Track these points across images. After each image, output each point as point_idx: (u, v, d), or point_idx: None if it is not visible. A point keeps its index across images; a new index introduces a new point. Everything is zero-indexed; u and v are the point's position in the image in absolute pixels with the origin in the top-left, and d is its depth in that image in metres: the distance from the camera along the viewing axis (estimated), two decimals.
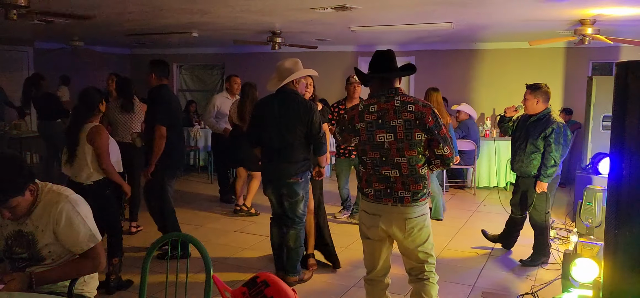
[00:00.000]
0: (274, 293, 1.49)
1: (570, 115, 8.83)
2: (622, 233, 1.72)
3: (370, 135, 3.06)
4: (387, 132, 3.01)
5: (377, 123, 3.03)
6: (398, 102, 3.01)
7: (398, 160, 3.01)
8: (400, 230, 3.08)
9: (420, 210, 3.09)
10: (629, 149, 1.69)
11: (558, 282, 4.25)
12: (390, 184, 3.05)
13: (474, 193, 8.17)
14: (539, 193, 4.79)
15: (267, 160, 4.32)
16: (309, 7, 5.71)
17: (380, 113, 3.03)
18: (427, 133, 2.97)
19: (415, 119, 2.96)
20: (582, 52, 8.99)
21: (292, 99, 4.20)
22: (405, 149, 2.99)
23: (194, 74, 12.73)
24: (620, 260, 1.75)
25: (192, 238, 2.59)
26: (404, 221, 3.05)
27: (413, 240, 3.10)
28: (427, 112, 2.98)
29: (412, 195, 3.04)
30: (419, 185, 3.04)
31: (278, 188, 4.29)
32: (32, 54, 10.38)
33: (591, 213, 4.19)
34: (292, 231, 4.36)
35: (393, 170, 3.04)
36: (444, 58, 10.06)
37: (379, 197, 3.10)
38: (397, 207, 3.05)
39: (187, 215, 6.73)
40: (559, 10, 5.75)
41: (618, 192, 1.73)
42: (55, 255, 2.56)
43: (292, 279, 4.43)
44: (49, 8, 5.59)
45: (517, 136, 4.93)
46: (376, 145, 3.04)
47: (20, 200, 2.40)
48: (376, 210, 3.12)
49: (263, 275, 1.52)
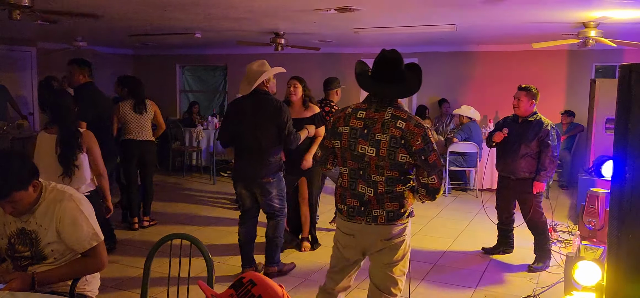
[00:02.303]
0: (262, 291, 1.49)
1: (572, 117, 8.81)
2: (625, 236, 1.72)
3: (352, 143, 2.77)
4: (371, 145, 2.71)
5: (362, 132, 2.75)
6: (389, 115, 2.71)
7: (376, 177, 2.73)
8: (374, 249, 2.84)
9: (399, 231, 2.81)
10: (632, 151, 1.68)
11: (560, 285, 4.24)
12: (364, 201, 2.78)
13: (476, 196, 8.16)
14: (534, 194, 4.80)
15: (240, 159, 4.43)
16: (312, 8, 5.72)
17: (367, 122, 2.75)
18: (412, 157, 2.69)
19: (402, 138, 2.66)
20: (585, 54, 8.97)
21: (263, 100, 4.31)
22: (385, 168, 2.71)
23: (197, 74, 12.75)
24: (623, 263, 1.74)
25: (194, 238, 2.59)
26: (379, 241, 2.80)
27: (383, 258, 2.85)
28: (417, 133, 2.66)
29: (387, 214, 2.76)
30: (395, 205, 2.76)
31: (250, 186, 4.40)
32: (35, 54, 10.41)
33: (594, 216, 4.17)
34: (272, 221, 4.50)
35: (368, 188, 2.75)
36: (447, 60, 10.06)
37: (352, 215, 2.83)
38: (371, 226, 2.79)
39: (188, 216, 6.74)
40: (562, 13, 5.74)
41: (621, 194, 1.73)
42: (58, 254, 2.56)
43: (271, 269, 4.57)
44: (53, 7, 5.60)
45: (506, 140, 4.91)
46: (356, 155, 2.77)
47: (23, 195, 2.41)
48: (350, 229, 2.87)
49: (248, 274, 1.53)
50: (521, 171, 4.81)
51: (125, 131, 5.80)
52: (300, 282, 4.58)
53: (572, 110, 8.88)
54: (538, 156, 4.76)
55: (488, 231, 5.99)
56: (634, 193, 1.69)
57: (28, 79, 9.86)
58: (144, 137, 5.86)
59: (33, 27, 7.73)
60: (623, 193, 1.72)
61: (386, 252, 2.83)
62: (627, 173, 1.70)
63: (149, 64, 12.47)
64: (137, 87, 5.87)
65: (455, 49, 9.94)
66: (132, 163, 5.89)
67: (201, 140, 9.60)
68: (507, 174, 4.95)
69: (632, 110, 1.68)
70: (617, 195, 1.75)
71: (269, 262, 4.60)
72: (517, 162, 4.80)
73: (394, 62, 2.82)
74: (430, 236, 5.98)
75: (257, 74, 4.31)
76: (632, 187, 1.69)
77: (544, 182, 4.77)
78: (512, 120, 4.96)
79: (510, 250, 5.34)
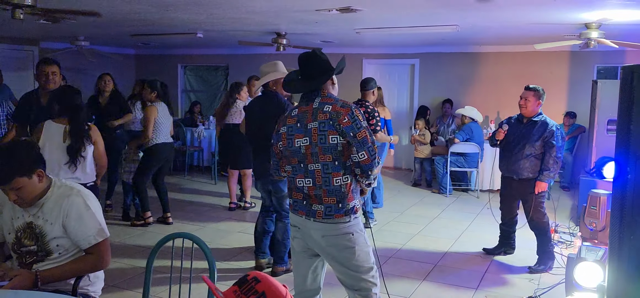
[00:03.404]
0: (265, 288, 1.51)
1: (574, 118, 8.81)
2: (627, 237, 1.72)
3: (289, 140, 2.84)
4: (304, 135, 2.77)
5: (296, 127, 2.82)
6: (316, 104, 2.80)
7: (312, 166, 2.76)
8: (317, 246, 2.84)
9: (340, 228, 2.77)
10: (634, 152, 1.69)
11: (561, 286, 4.24)
12: (305, 195, 2.82)
13: (477, 196, 8.16)
14: (536, 194, 4.80)
15: (256, 158, 4.60)
16: (314, 8, 5.72)
17: (299, 116, 2.83)
18: (342, 135, 2.70)
19: (330, 119, 2.72)
20: (587, 55, 8.97)
21: (270, 99, 4.49)
22: (319, 153, 2.74)
23: (199, 74, 12.76)
24: (625, 265, 1.75)
25: (196, 238, 2.60)
26: (320, 237, 2.79)
27: (334, 258, 2.84)
28: (343, 112, 2.72)
29: (326, 209, 2.75)
30: (332, 199, 2.74)
31: (265, 184, 4.55)
32: (37, 54, 10.43)
33: (595, 217, 4.18)
34: (281, 223, 4.61)
35: (306, 179, 2.79)
36: (449, 60, 10.06)
37: (296, 209, 2.88)
38: (311, 221, 2.80)
39: (190, 215, 6.75)
40: (564, 14, 5.74)
41: (623, 196, 1.73)
42: (63, 249, 2.58)
43: (278, 269, 4.68)
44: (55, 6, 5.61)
45: (509, 139, 4.92)
46: (294, 150, 2.82)
47: (27, 183, 2.42)
48: (296, 221, 2.91)
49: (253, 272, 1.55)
50: (525, 171, 4.81)
51: (158, 134, 5.91)
52: None
53: (574, 111, 8.88)
54: (542, 157, 4.76)
55: (489, 232, 6.00)
56: (635, 194, 1.70)
57: (30, 78, 9.86)
58: (170, 139, 6.15)
59: (35, 26, 7.75)
60: (625, 195, 1.72)
61: (334, 250, 2.81)
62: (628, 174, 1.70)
63: (151, 64, 12.48)
64: (167, 90, 6.07)
65: (457, 49, 9.94)
66: (159, 165, 6.11)
67: (202, 140, 9.63)
68: (510, 175, 4.95)
69: (634, 112, 1.68)
70: (619, 196, 1.75)
71: (277, 261, 4.69)
72: (521, 162, 4.80)
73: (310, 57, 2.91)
74: (431, 237, 5.99)
75: (263, 74, 4.56)
76: (633, 188, 1.70)
77: (547, 182, 4.77)
78: (517, 121, 4.95)
79: (512, 251, 5.34)
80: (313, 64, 2.90)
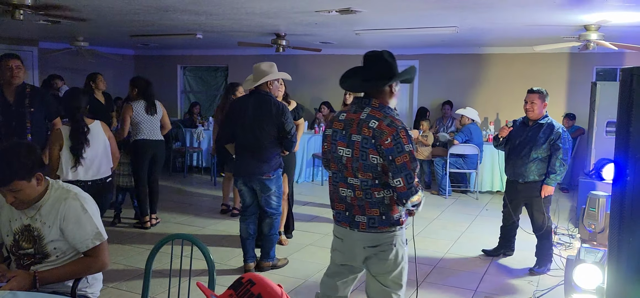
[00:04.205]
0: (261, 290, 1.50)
1: (573, 120, 8.81)
2: (626, 239, 1.72)
3: (333, 145, 2.75)
4: (347, 146, 2.67)
5: (341, 133, 2.71)
6: (364, 115, 2.64)
7: (351, 180, 2.67)
8: (358, 258, 2.78)
9: (383, 238, 2.69)
10: (633, 154, 1.69)
11: (560, 287, 4.24)
12: (348, 205, 2.73)
13: (476, 198, 8.16)
14: (542, 198, 4.79)
15: (240, 156, 4.56)
16: (313, 9, 5.72)
17: (346, 123, 2.71)
18: (381, 156, 2.57)
19: (372, 137, 2.57)
20: (586, 57, 8.98)
21: (265, 100, 4.45)
22: (359, 169, 2.63)
23: (198, 75, 12.76)
24: (624, 266, 1.75)
25: (195, 239, 2.59)
26: (362, 249, 2.73)
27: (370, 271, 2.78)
28: (387, 132, 2.55)
29: (369, 221, 2.66)
30: (375, 211, 2.65)
31: (250, 182, 4.55)
32: (36, 54, 10.42)
33: (594, 219, 4.18)
34: (268, 219, 4.67)
35: (348, 190, 2.70)
36: (448, 62, 10.06)
37: (339, 220, 2.80)
38: (354, 232, 2.72)
39: (189, 217, 6.74)
40: (564, 16, 5.74)
41: (622, 197, 1.73)
42: (60, 252, 2.57)
43: (265, 264, 4.80)
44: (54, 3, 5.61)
45: (515, 143, 4.89)
46: (336, 157, 2.73)
47: (25, 186, 2.41)
48: (340, 233, 2.83)
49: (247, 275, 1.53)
50: (531, 174, 4.79)
51: (138, 131, 5.87)
52: (301, 282, 4.58)
53: (573, 113, 8.89)
54: (548, 160, 4.73)
55: (489, 233, 6.00)
56: (634, 196, 1.70)
57: (30, 78, 9.85)
58: (156, 137, 6.00)
59: (34, 27, 7.75)
60: (624, 197, 1.72)
61: (373, 261, 2.74)
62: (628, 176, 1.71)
63: (150, 65, 12.48)
64: (148, 87, 5.95)
65: (457, 51, 9.95)
66: (145, 163, 6.00)
67: (202, 140, 9.62)
68: (516, 178, 4.90)
69: (633, 113, 1.69)
70: (618, 198, 1.75)
71: (264, 257, 4.80)
72: (527, 165, 4.77)
73: (374, 57, 2.76)
74: (430, 238, 5.99)
75: (264, 74, 4.47)
76: (632, 190, 1.70)
77: (553, 185, 4.73)
78: (522, 123, 4.92)
79: (511, 253, 5.34)
80: (375, 65, 2.74)
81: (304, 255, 5.30)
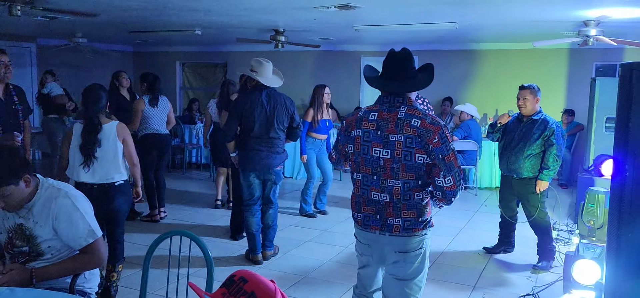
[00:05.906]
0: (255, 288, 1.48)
1: (572, 116, 8.81)
2: (625, 235, 1.72)
3: (365, 147, 2.63)
4: (385, 147, 2.57)
5: (375, 134, 2.60)
6: (402, 114, 2.57)
7: (391, 182, 2.58)
8: (386, 261, 2.73)
9: (415, 241, 2.65)
10: (633, 150, 1.68)
11: (559, 283, 4.25)
12: (380, 209, 2.64)
13: (475, 194, 8.16)
14: (537, 193, 4.79)
15: (255, 151, 4.64)
16: (312, 5, 5.71)
17: (379, 123, 2.60)
18: (429, 155, 2.53)
19: (418, 136, 2.52)
20: (585, 53, 8.96)
21: (277, 93, 4.70)
22: (401, 170, 2.56)
23: (197, 71, 12.75)
24: (623, 262, 1.75)
25: (193, 235, 2.59)
26: (392, 253, 2.67)
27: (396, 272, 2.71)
28: (433, 130, 2.51)
29: (404, 223, 2.61)
30: (412, 212, 2.60)
31: (263, 174, 4.73)
32: (35, 50, 10.41)
33: (593, 214, 4.18)
34: (272, 211, 4.89)
35: (383, 194, 2.61)
36: (447, 58, 10.05)
37: (367, 224, 2.70)
38: (385, 237, 2.65)
39: (188, 213, 6.74)
40: (563, 11, 5.74)
41: (621, 193, 1.73)
42: (54, 250, 2.57)
43: (269, 253, 5.01)
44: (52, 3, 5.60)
45: (509, 139, 4.89)
46: (370, 159, 2.62)
47: (14, 190, 2.40)
48: (366, 239, 2.76)
49: (239, 272, 1.52)
50: (525, 170, 4.79)
51: (146, 126, 5.96)
52: (299, 279, 4.58)
53: (572, 109, 8.88)
54: (542, 155, 4.74)
55: (487, 229, 6.00)
56: (633, 192, 1.69)
57: (28, 75, 9.85)
58: (163, 131, 6.10)
59: (33, 23, 7.73)
60: (623, 192, 1.72)
61: (400, 264, 2.68)
62: (627, 172, 1.70)
63: (149, 61, 12.46)
64: (155, 82, 6.08)
65: (456, 47, 9.93)
66: (152, 157, 6.09)
67: (200, 137, 9.61)
68: (510, 174, 4.91)
69: (633, 109, 1.68)
70: (617, 194, 1.75)
71: (267, 246, 4.99)
72: (521, 161, 4.77)
73: (402, 57, 2.72)
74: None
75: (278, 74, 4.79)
76: (632, 186, 1.69)
77: (548, 180, 4.74)
78: (517, 120, 4.91)
79: (511, 250, 5.34)
80: (403, 65, 2.69)
81: (302, 252, 5.30)
